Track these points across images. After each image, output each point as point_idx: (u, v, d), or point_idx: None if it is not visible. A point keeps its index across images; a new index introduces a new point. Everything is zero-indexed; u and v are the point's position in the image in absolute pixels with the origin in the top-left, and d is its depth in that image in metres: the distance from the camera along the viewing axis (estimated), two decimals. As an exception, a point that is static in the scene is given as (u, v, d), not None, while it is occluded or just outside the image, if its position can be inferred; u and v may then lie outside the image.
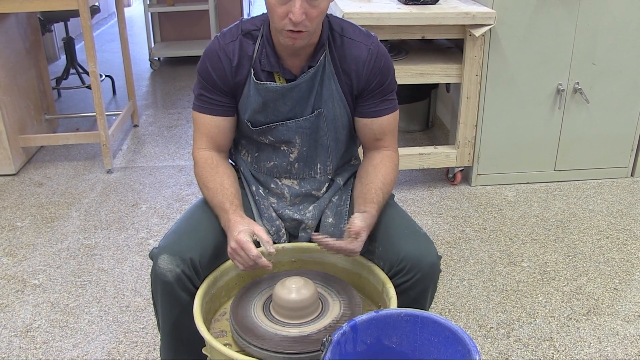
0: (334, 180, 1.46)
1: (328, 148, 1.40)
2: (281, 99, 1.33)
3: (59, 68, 4.22)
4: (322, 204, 1.43)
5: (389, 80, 1.36)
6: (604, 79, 2.58)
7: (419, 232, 1.31)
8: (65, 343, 1.78)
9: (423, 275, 1.24)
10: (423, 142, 3.19)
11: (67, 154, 3.12)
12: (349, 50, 1.32)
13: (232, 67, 1.32)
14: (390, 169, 1.37)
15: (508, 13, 2.41)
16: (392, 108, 1.39)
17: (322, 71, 1.32)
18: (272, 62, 1.31)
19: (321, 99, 1.35)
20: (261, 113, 1.35)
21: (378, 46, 1.34)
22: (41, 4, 2.56)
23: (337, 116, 1.37)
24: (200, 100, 1.36)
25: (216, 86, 1.33)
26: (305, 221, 1.41)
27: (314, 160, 1.41)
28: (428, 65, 2.51)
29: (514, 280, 2.07)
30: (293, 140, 1.37)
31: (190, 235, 1.28)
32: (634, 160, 2.78)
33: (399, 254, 1.25)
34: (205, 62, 1.34)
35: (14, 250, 2.26)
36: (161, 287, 1.24)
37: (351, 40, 1.33)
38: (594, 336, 1.80)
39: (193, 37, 4.91)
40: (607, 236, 2.34)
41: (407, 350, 1.09)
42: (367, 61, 1.32)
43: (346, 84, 1.34)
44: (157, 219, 2.47)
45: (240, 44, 1.32)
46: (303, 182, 1.43)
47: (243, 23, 1.35)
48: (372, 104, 1.36)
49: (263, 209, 1.42)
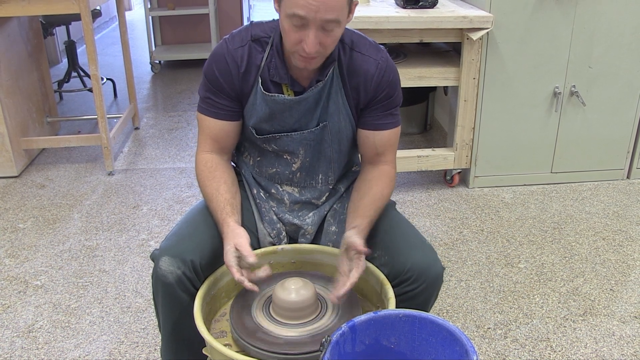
0: (335, 188, 1.46)
1: (331, 159, 1.40)
2: (288, 110, 1.32)
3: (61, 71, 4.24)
4: (323, 211, 1.43)
5: (395, 95, 1.34)
6: (600, 82, 2.60)
7: (425, 243, 1.32)
8: (67, 343, 1.79)
9: (428, 285, 1.25)
10: (421, 145, 3.21)
11: (68, 156, 3.14)
12: (357, 65, 1.31)
13: (240, 73, 1.30)
14: (386, 184, 1.36)
15: (505, 17, 2.44)
16: (395, 123, 1.37)
17: (330, 85, 1.31)
18: (281, 74, 1.30)
19: (327, 112, 1.34)
20: (267, 122, 1.34)
21: (387, 61, 1.33)
22: (43, 8, 2.58)
23: (342, 129, 1.36)
24: (206, 102, 1.35)
25: (222, 90, 1.32)
26: (304, 227, 1.42)
27: (316, 170, 1.41)
28: (426, 68, 2.53)
29: (511, 281, 2.08)
30: (296, 151, 1.38)
31: (191, 238, 1.28)
32: (629, 162, 2.80)
33: (406, 264, 1.25)
34: (213, 65, 1.32)
35: (16, 251, 2.28)
36: (162, 288, 1.24)
37: (360, 54, 1.31)
38: (591, 337, 1.82)
39: (193, 41, 4.93)
40: (603, 237, 2.36)
41: (406, 351, 1.09)
42: (375, 76, 1.31)
43: (353, 98, 1.33)
44: (158, 221, 2.49)
45: (249, 51, 1.30)
46: (304, 190, 1.43)
47: (253, 27, 1.33)
48: (375, 117, 1.35)
49: (264, 212, 1.43)
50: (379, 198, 1.33)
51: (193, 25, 4.87)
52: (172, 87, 4.34)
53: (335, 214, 1.43)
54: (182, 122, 3.64)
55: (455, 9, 2.47)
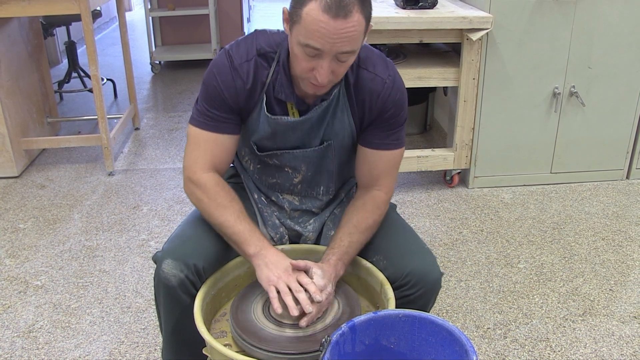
0: (336, 194, 1.46)
1: (333, 172, 1.39)
2: (291, 130, 1.29)
3: (61, 72, 4.24)
4: (323, 217, 1.43)
5: (400, 114, 1.29)
6: (599, 82, 2.61)
7: (424, 248, 1.31)
8: (67, 343, 1.80)
9: (426, 291, 1.25)
10: (421, 145, 3.21)
11: (69, 156, 3.14)
12: (364, 83, 1.26)
13: (246, 89, 1.25)
14: (370, 212, 1.30)
15: (505, 17, 2.44)
16: (397, 144, 1.32)
17: (335, 104, 1.27)
18: (287, 93, 1.24)
19: (332, 131, 1.30)
20: (269, 140, 1.31)
21: (394, 79, 1.27)
22: (43, 8, 2.58)
23: (346, 145, 1.34)
24: (205, 116, 1.27)
25: (225, 104, 1.26)
26: (305, 234, 1.42)
27: (317, 183, 1.40)
28: (426, 69, 2.54)
29: (510, 282, 2.09)
30: (298, 167, 1.36)
31: (194, 241, 1.27)
32: (629, 162, 2.80)
33: (405, 269, 1.25)
34: (216, 78, 1.24)
35: (16, 251, 2.28)
36: (164, 290, 1.24)
37: (367, 71, 1.26)
38: (590, 337, 1.82)
39: (193, 41, 4.94)
40: (602, 238, 2.36)
41: (405, 351, 1.10)
42: (381, 95, 1.26)
43: (358, 116, 1.29)
44: (158, 221, 2.49)
45: (255, 67, 1.24)
46: (304, 199, 1.43)
47: (258, 38, 1.26)
48: (377, 136, 1.30)
49: (266, 216, 1.42)
50: (362, 228, 1.28)
51: (193, 26, 4.88)
52: (172, 87, 4.34)
53: (335, 218, 1.43)
54: (182, 122, 3.64)
55: (454, 10, 2.47)
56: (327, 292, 1.17)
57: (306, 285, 1.16)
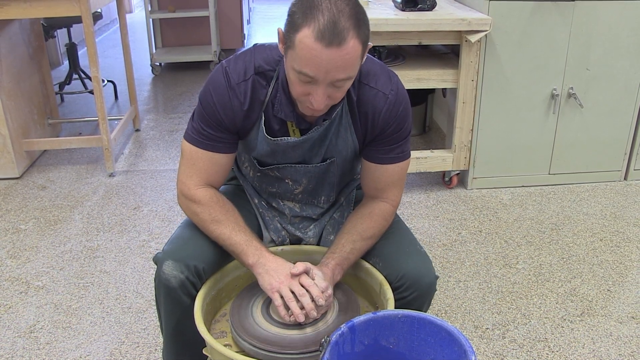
0: (335, 200, 1.46)
1: (334, 183, 1.39)
2: (291, 149, 1.28)
3: (62, 73, 4.25)
4: (323, 222, 1.44)
5: (403, 128, 1.27)
6: (597, 84, 2.62)
7: (420, 251, 1.31)
8: (68, 344, 1.80)
9: (420, 293, 1.25)
10: (420, 146, 3.22)
11: (69, 157, 3.15)
12: (366, 99, 1.23)
13: (243, 110, 1.22)
14: (376, 222, 1.29)
15: (503, 19, 2.45)
16: (401, 157, 1.30)
17: (338, 122, 1.25)
18: (286, 112, 1.21)
19: (335, 149, 1.29)
20: (269, 157, 1.30)
21: (396, 93, 1.24)
22: (44, 10, 2.59)
23: (348, 159, 1.33)
24: (200, 135, 1.24)
25: (221, 124, 1.23)
26: (306, 239, 1.42)
27: (318, 193, 1.40)
28: (425, 70, 2.55)
29: (509, 282, 2.10)
30: (300, 180, 1.35)
31: (194, 242, 1.27)
32: (627, 164, 2.81)
33: (399, 272, 1.25)
34: (213, 98, 1.21)
35: (17, 252, 2.29)
36: (165, 291, 1.25)
37: (369, 87, 1.23)
38: (588, 337, 1.83)
39: (194, 43, 4.95)
40: (600, 238, 2.37)
41: (404, 351, 1.10)
42: (383, 111, 1.23)
43: (361, 132, 1.27)
44: (159, 222, 2.50)
45: (253, 86, 1.21)
46: (305, 206, 1.43)
47: (256, 55, 1.22)
48: (381, 151, 1.28)
49: (268, 220, 1.43)
50: (366, 236, 1.28)
51: (193, 28, 4.89)
52: (173, 89, 4.35)
53: (335, 222, 1.44)
54: (183, 123, 3.65)
55: (453, 12, 2.48)
56: (328, 294, 1.17)
57: (309, 287, 1.16)
